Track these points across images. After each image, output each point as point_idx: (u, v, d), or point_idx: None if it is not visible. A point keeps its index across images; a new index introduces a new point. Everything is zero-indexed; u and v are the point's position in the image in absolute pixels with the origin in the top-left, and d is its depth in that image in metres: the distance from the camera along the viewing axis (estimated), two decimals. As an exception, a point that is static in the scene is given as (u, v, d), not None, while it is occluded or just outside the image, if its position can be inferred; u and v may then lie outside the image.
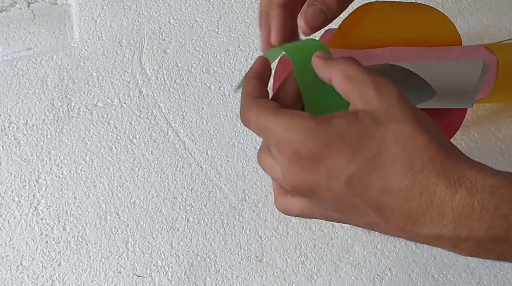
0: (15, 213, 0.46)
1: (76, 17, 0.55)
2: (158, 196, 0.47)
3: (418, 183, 0.28)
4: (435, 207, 0.27)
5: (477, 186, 0.27)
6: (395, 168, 0.28)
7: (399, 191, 0.28)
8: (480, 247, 0.28)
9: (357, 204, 0.30)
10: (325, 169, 0.29)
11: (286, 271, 0.44)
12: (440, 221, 0.28)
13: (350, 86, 0.30)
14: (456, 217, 0.27)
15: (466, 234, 0.27)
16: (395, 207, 0.28)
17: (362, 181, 0.29)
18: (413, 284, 0.44)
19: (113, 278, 0.44)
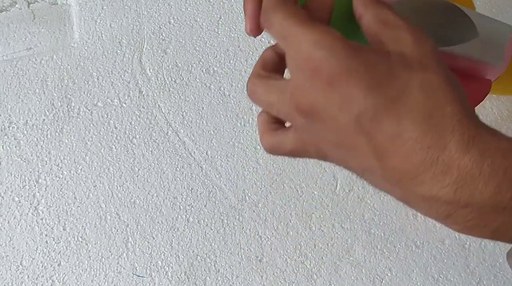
0: (15, 213, 0.46)
1: (76, 17, 0.55)
2: (158, 196, 0.47)
3: (430, 135, 0.26)
4: (440, 164, 0.26)
5: (491, 148, 0.26)
6: (411, 115, 0.26)
7: (408, 140, 0.26)
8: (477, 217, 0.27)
9: (359, 143, 0.28)
10: (340, 96, 0.27)
11: (286, 271, 0.44)
12: (441, 180, 0.26)
13: (383, 29, 0.29)
14: (461, 178, 0.26)
15: (466, 198, 0.26)
16: (397, 156, 0.27)
17: (373, 120, 0.27)
18: (413, 284, 0.44)
19: (113, 278, 0.44)
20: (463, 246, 0.45)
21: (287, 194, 0.47)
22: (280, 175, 0.47)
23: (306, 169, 0.47)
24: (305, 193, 0.47)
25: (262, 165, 0.48)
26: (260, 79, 0.31)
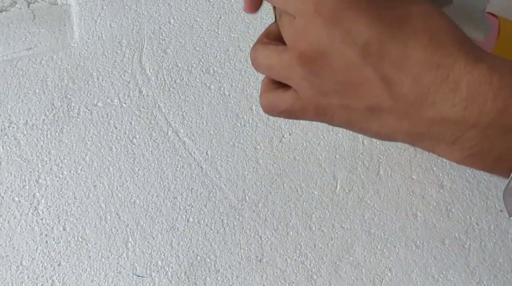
0: (15, 213, 0.46)
1: (76, 17, 0.55)
2: (158, 196, 0.47)
3: (438, 54, 0.26)
4: (450, 81, 0.26)
5: (498, 63, 0.26)
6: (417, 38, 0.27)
7: (417, 62, 0.27)
8: (483, 140, 0.26)
9: (367, 77, 0.28)
10: (343, 30, 0.27)
11: (286, 271, 0.44)
12: (451, 98, 0.26)
13: None
14: (470, 94, 0.26)
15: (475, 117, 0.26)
16: (407, 81, 0.27)
17: (380, 47, 0.27)
18: (413, 284, 0.44)
19: (113, 278, 0.44)
20: (463, 246, 0.45)
21: (287, 194, 0.47)
22: (280, 175, 0.47)
23: (306, 169, 0.47)
24: (305, 193, 0.47)
25: (262, 165, 0.48)
26: (262, 45, 0.32)
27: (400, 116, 0.28)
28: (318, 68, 0.29)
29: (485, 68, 0.26)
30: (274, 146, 0.49)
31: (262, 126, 0.50)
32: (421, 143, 0.29)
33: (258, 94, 0.51)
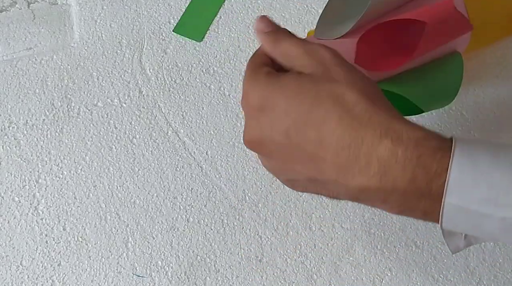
0: (15, 213, 0.46)
1: (76, 17, 0.55)
2: (158, 196, 0.47)
3: (347, 135, 0.30)
4: (362, 157, 0.30)
5: (403, 138, 0.29)
6: (326, 122, 0.31)
7: (331, 143, 0.30)
8: (405, 202, 0.30)
9: (298, 155, 0.32)
10: (269, 119, 0.33)
11: (286, 271, 0.44)
12: (367, 172, 0.29)
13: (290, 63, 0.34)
14: (381, 167, 0.29)
15: (391, 184, 0.29)
16: (327, 158, 0.31)
17: (298, 132, 0.31)
18: (413, 284, 0.44)
19: (113, 278, 0.44)
20: (463, 246, 0.45)
21: (287, 194, 0.47)
22: (280, 175, 0.47)
23: (306, 169, 0.47)
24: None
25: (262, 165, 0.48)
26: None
27: (333, 184, 0.32)
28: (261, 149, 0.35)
29: (389, 144, 0.29)
30: (274, 146, 0.49)
31: (262, 126, 0.50)
32: (362, 202, 0.32)
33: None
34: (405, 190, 0.29)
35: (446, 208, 0.29)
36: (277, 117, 0.32)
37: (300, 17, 0.54)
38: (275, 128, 0.32)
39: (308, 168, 0.32)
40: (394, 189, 0.29)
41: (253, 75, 0.34)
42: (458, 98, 0.50)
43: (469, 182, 0.28)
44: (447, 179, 0.28)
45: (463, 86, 0.50)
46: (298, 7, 0.55)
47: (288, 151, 0.33)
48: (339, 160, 0.30)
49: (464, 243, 0.33)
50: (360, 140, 0.30)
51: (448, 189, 0.28)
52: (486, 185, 0.28)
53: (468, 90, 0.51)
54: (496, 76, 0.52)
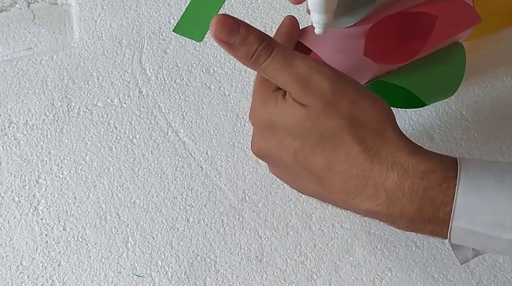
0: (15, 213, 0.46)
1: (76, 17, 0.55)
2: (158, 196, 0.47)
3: (354, 167, 0.31)
4: (370, 188, 0.30)
5: (409, 171, 0.30)
6: (334, 154, 0.31)
7: (339, 171, 0.31)
8: (413, 224, 0.31)
9: (304, 175, 0.33)
10: (277, 140, 0.33)
11: (286, 271, 0.44)
12: (375, 200, 0.30)
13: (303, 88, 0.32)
14: (389, 198, 0.30)
15: (398, 212, 0.30)
16: (335, 183, 0.31)
17: (306, 157, 0.32)
18: (413, 284, 0.44)
19: (113, 278, 0.44)
20: (463, 246, 0.45)
21: (287, 194, 0.47)
22: (280, 175, 0.47)
23: (306, 169, 0.47)
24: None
25: (262, 165, 0.48)
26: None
27: (340, 202, 0.32)
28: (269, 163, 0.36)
29: (396, 178, 0.30)
30: (274, 146, 0.49)
31: (262, 126, 0.50)
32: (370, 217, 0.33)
33: (258, 94, 0.51)
34: (413, 217, 0.30)
35: (453, 230, 0.30)
36: (285, 139, 0.33)
37: (300, 17, 0.54)
38: (283, 149, 0.33)
39: (316, 187, 0.33)
40: (402, 216, 0.30)
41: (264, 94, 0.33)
42: (458, 98, 0.51)
43: (475, 207, 0.29)
44: (453, 207, 0.29)
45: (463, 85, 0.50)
46: (298, 7, 0.55)
47: (296, 170, 0.33)
48: (348, 186, 0.31)
49: (472, 254, 0.33)
50: (368, 174, 0.30)
51: (455, 215, 0.29)
52: (492, 209, 0.28)
53: (468, 90, 0.51)
54: (496, 76, 0.52)
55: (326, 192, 0.33)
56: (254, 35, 0.32)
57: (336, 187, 0.32)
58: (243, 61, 0.32)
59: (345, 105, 0.31)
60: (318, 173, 0.32)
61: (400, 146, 0.31)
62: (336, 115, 0.31)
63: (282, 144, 0.33)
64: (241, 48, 0.31)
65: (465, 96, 0.50)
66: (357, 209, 0.32)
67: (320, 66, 0.32)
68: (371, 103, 0.32)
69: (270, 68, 0.32)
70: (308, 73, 0.31)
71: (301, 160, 0.32)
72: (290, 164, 0.33)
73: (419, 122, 0.49)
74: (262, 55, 0.31)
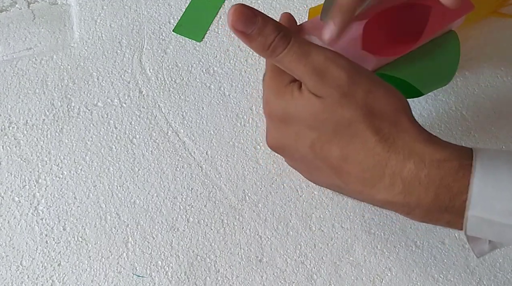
0: (15, 213, 0.46)
1: (76, 17, 0.55)
2: (158, 196, 0.47)
3: (371, 157, 0.31)
4: (387, 177, 0.30)
5: (425, 160, 0.30)
6: (351, 144, 0.31)
7: (355, 161, 0.31)
8: (429, 214, 0.31)
9: (321, 166, 0.33)
10: (293, 132, 0.33)
11: (286, 271, 0.44)
12: (392, 190, 0.30)
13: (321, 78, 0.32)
14: (406, 187, 0.30)
15: (415, 202, 0.30)
16: (352, 173, 0.31)
17: (323, 148, 0.32)
18: (413, 284, 0.44)
19: (113, 278, 0.44)
20: (463, 246, 0.45)
21: (287, 194, 0.47)
22: (280, 175, 0.47)
23: (306, 169, 0.47)
24: (305, 193, 0.47)
25: (262, 165, 0.48)
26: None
27: (356, 193, 0.33)
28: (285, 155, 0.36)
29: (412, 168, 0.30)
30: (274, 146, 0.49)
31: (262, 126, 0.50)
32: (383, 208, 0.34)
33: (258, 94, 0.51)
34: (429, 206, 0.30)
35: (469, 220, 0.30)
36: (301, 131, 0.33)
37: (300, 17, 0.54)
38: (300, 141, 0.33)
39: (333, 178, 0.33)
40: (418, 205, 0.30)
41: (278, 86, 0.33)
42: (458, 98, 0.51)
43: (491, 195, 0.29)
44: (469, 195, 0.29)
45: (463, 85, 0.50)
46: (298, 7, 0.55)
47: (313, 161, 0.33)
48: (364, 176, 0.31)
49: (489, 247, 0.33)
50: (384, 163, 0.30)
51: (470, 204, 0.29)
52: (507, 197, 0.28)
53: (468, 90, 0.51)
54: (496, 76, 0.52)
55: (342, 182, 0.33)
56: (271, 26, 0.32)
57: (353, 177, 0.32)
58: (260, 52, 0.32)
59: (360, 95, 0.31)
60: (335, 164, 0.32)
61: (416, 135, 0.31)
62: (351, 106, 0.31)
63: (299, 136, 0.33)
64: (258, 39, 0.32)
65: (465, 96, 0.50)
66: (373, 200, 0.32)
67: (336, 58, 0.32)
68: (386, 93, 0.32)
69: (287, 59, 0.32)
70: (324, 65, 0.31)
71: (318, 151, 0.32)
72: (306, 155, 0.33)
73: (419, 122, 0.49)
74: (279, 46, 0.32)
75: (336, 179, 0.33)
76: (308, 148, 0.33)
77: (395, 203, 0.31)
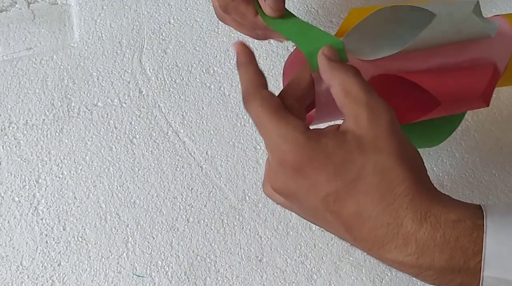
0: (15, 213, 0.46)
1: (76, 17, 0.55)
2: (158, 196, 0.47)
3: (387, 213, 0.29)
4: (400, 237, 0.29)
5: (441, 221, 0.29)
6: (369, 196, 0.30)
7: (370, 217, 0.30)
8: (441, 276, 0.30)
9: (330, 219, 0.31)
10: (307, 182, 0.31)
11: (286, 271, 0.44)
12: (404, 250, 0.29)
13: (346, 102, 0.31)
14: (420, 248, 0.29)
15: (428, 263, 0.29)
16: (363, 230, 0.30)
17: (337, 201, 0.30)
18: (413, 284, 0.44)
19: (113, 278, 0.44)
20: (463, 246, 0.45)
21: (287, 194, 0.47)
22: (280, 175, 0.47)
23: (306, 169, 0.47)
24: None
25: (262, 165, 0.48)
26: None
27: (364, 249, 0.31)
28: (292, 201, 0.33)
29: (429, 228, 0.29)
30: (274, 146, 0.49)
31: (262, 126, 0.50)
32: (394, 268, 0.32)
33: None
34: (442, 268, 0.29)
35: (485, 280, 0.29)
36: (317, 183, 0.31)
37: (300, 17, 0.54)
38: (313, 191, 0.31)
39: (342, 232, 0.32)
40: (431, 267, 0.29)
41: (286, 129, 0.31)
42: (458, 98, 0.50)
43: (506, 254, 0.28)
44: (483, 256, 0.28)
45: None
46: (298, 7, 0.55)
47: (321, 214, 0.32)
48: (376, 233, 0.30)
49: None
50: (400, 222, 0.29)
51: (485, 264, 0.28)
52: None
53: (468, 90, 0.51)
54: (496, 76, 0.52)
55: (351, 238, 0.31)
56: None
57: (363, 234, 0.30)
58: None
59: (394, 143, 0.30)
60: (346, 220, 0.30)
61: (433, 192, 0.30)
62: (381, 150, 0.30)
63: (314, 187, 0.31)
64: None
65: (465, 96, 0.50)
66: (382, 258, 0.31)
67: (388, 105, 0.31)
68: (414, 149, 0.32)
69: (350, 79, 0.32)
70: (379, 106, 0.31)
71: (331, 204, 0.30)
72: (316, 207, 0.31)
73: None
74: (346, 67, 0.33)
75: (344, 234, 0.32)
76: (320, 200, 0.31)
77: (405, 264, 0.30)
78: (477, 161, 0.48)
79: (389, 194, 0.30)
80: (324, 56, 0.33)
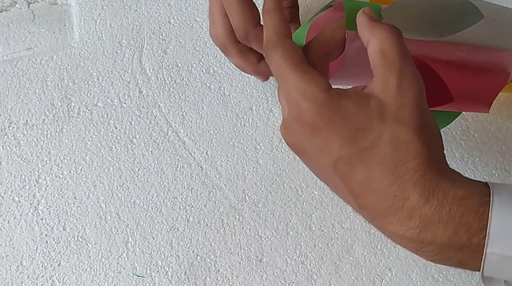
0: (15, 213, 0.46)
1: (76, 17, 0.55)
2: (158, 196, 0.47)
3: (395, 186, 0.29)
4: (405, 210, 0.29)
5: (448, 198, 0.29)
6: (380, 166, 0.29)
7: (378, 188, 0.29)
8: (441, 252, 0.29)
9: (339, 184, 0.31)
10: (320, 142, 0.30)
11: (286, 271, 0.44)
12: (406, 224, 0.29)
13: (380, 64, 0.30)
14: (423, 223, 0.29)
15: (429, 238, 0.29)
16: (369, 199, 0.30)
17: (348, 167, 0.30)
18: (413, 284, 0.44)
19: (113, 278, 0.44)
20: (463, 246, 0.45)
21: (287, 194, 0.47)
22: (280, 175, 0.47)
23: (306, 169, 0.47)
24: (305, 193, 0.47)
25: (262, 165, 0.48)
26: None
27: (367, 217, 0.31)
28: (302, 157, 0.33)
29: (436, 204, 0.29)
30: (274, 146, 0.49)
31: (262, 126, 0.50)
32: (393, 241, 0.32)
33: (258, 94, 0.51)
34: (444, 244, 0.29)
35: (488, 257, 0.29)
36: (331, 145, 0.30)
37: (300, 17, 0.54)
38: (325, 152, 0.30)
39: (347, 197, 0.31)
40: (432, 242, 0.29)
41: (307, 85, 0.30)
42: (458, 98, 0.50)
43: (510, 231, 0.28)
44: (488, 232, 0.28)
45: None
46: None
47: (330, 176, 0.31)
48: (381, 204, 0.29)
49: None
50: (407, 196, 0.29)
51: (490, 240, 0.28)
52: None
53: (468, 90, 0.51)
54: (496, 76, 0.52)
55: (355, 205, 0.31)
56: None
57: (368, 203, 0.30)
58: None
59: (415, 115, 0.30)
60: (354, 186, 0.30)
61: (444, 170, 0.30)
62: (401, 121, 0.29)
63: (327, 148, 0.30)
64: None
65: (465, 96, 0.50)
66: (383, 229, 0.30)
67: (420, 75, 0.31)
68: (435, 125, 0.31)
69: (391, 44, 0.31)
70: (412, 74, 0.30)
71: (342, 169, 0.30)
72: (326, 169, 0.31)
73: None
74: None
75: (349, 200, 0.31)
76: (332, 162, 0.30)
77: (406, 237, 0.29)
78: (477, 161, 0.48)
79: (401, 167, 0.29)
80: (366, 15, 0.32)
